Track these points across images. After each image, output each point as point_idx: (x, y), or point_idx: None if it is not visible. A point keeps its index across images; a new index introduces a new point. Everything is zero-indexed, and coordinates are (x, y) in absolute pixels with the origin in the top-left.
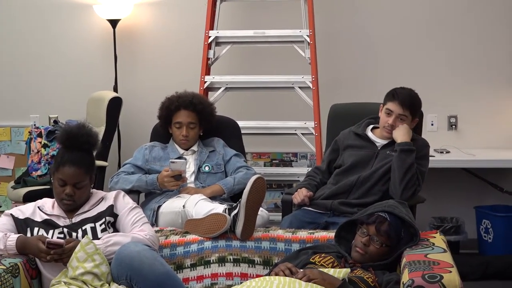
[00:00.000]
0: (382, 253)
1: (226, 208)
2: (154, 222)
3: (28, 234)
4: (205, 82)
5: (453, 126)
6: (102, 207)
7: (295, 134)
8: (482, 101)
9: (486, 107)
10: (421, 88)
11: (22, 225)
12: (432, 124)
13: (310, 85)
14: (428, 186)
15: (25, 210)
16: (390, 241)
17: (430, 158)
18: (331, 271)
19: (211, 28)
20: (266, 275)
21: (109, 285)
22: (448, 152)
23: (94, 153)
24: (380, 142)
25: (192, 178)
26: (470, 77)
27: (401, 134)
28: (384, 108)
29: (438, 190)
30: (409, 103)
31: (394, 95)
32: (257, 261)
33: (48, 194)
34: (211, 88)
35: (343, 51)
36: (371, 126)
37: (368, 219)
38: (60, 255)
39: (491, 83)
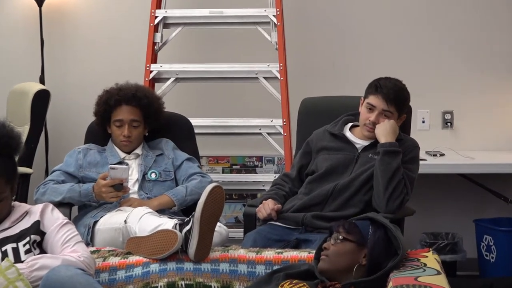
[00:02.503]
0: (345, 252)
1: (176, 224)
2: (89, 241)
3: None
4: (151, 71)
5: (448, 124)
6: (26, 223)
7: (260, 134)
8: (482, 95)
9: (487, 101)
10: (409, 79)
11: None
12: (423, 122)
13: (278, 75)
14: (418, 196)
15: None
16: (350, 235)
17: (421, 162)
18: None
19: (158, 6)
20: None
21: None
22: (442, 154)
23: (16, 158)
24: (360, 143)
25: (136, 188)
26: (468, 67)
27: (385, 133)
28: (365, 103)
29: (430, 200)
30: (394, 96)
31: (377, 87)
32: (214, 286)
33: None
34: (158, 78)
35: (317, 35)
36: (350, 125)
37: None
38: None
39: (492, 73)
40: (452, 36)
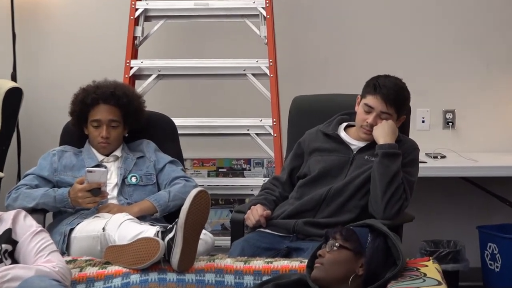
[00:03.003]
0: (341, 260)
1: (158, 231)
2: (65, 250)
3: None
4: (131, 68)
5: (450, 124)
6: None
7: (248, 134)
8: (487, 92)
9: (492, 99)
10: (408, 76)
11: None
12: (423, 121)
13: (267, 71)
14: (417, 201)
15: None
16: (348, 242)
17: (421, 165)
18: None
19: None
20: None
21: None
22: (443, 157)
23: None
24: (356, 144)
25: (115, 192)
26: (472, 62)
27: (384, 134)
28: (362, 103)
29: (430, 205)
30: (394, 97)
31: (376, 86)
32: None
33: None
34: (138, 75)
35: (309, 29)
36: (344, 124)
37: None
38: None
39: (497, 70)
40: (454, 29)
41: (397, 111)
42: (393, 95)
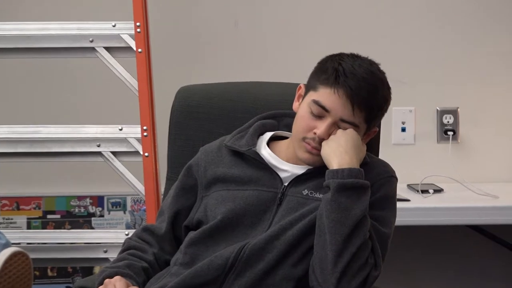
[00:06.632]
0: None
1: None
2: None
3: None
4: None
5: (449, 134)
6: None
7: (99, 154)
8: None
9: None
10: (377, 55)
11: None
12: (403, 129)
13: (132, 43)
14: (396, 264)
15: None
16: None
17: (401, 205)
18: None
19: None
20: None
21: None
22: (438, 190)
23: None
24: (289, 170)
25: None
26: (478, 44)
27: (341, 152)
28: (309, 99)
29: (418, 273)
30: (369, 97)
31: (339, 74)
32: None
33: None
34: None
35: None
36: (268, 135)
37: None
38: None
39: None
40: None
41: (369, 120)
42: (366, 92)
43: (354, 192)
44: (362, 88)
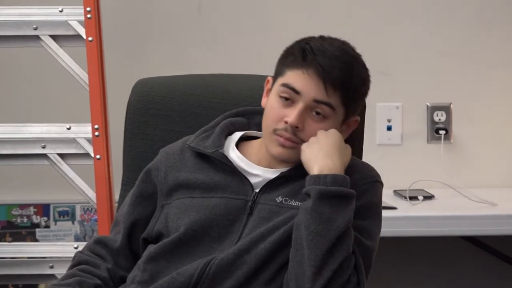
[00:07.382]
0: None
1: None
2: None
3: None
4: None
5: (442, 133)
6: None
7: (45, 156)
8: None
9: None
10: (360, 44)
11: None
12: (388, 128)
13: (82, 31)
14: (380, 281)
15: None
16: None
17: (387, 214)
18: None
19: None
20: None
21: None
22: (429, 197)
23: None
24: (260, 174)
25: None
26: (473, 33)
27: (323, 154)
28: (277, 87)
29: (408, 287)
30: (343, 74)
31: (307, 52)
32: None
33: None
34: None
35: None
36: (238, 135)
37: None
38: None
39: None
40: None
41: (346, 102)
42: (338, 70)
43: (337, 201)
44: (334, 66)
